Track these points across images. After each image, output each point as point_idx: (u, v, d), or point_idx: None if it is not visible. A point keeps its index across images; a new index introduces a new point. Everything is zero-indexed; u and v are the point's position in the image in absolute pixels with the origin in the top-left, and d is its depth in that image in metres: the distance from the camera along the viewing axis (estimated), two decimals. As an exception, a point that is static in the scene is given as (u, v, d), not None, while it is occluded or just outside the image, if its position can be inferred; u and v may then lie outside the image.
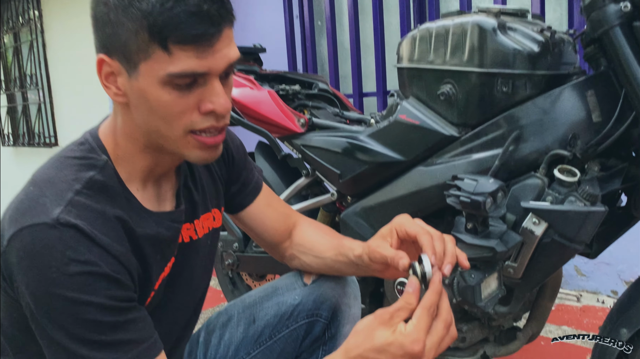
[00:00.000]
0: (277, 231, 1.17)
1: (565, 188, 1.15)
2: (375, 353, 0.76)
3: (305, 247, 1.16)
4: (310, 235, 1.17)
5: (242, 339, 1.14)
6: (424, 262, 0.83)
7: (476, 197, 1.09)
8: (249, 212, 1.14)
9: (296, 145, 1.72)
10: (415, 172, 1.42)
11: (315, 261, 1.14)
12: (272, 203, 1.17)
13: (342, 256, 1.08)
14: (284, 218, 1.18)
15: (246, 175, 1.13)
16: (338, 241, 1.12)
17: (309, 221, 1.22)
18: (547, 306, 1.42)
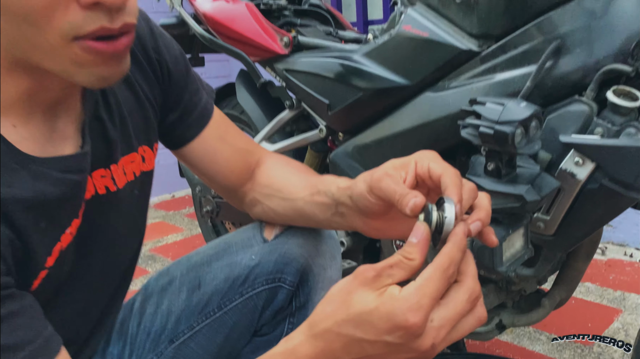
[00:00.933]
0: (234, 171, 0.89)
1: (621, 117, 0.86)
2: (350, 327, 0.52)
3: (271, 188, 0.88)
4: (278, 173, 0.89)
5: (184, 308, 0.88)
6: (445, 206, 0.56)
7: (502, 127, 0.80)
8: (195, 148, 0.86)
9: (278, 70, 1.42)
10: (422, 99, 1.13)
11: (283, 205, 0.87)
12: (226, 135, 0.89)
13: (320, 195, 0.80)
14: (243, 155, 0.90)
15: (189, 98, 0.84)
16: (316, 179, 0.84)
17: (278, 157, 0.94)
18: (581, 268, 1.15)
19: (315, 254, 0.92)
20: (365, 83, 1.20)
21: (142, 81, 0.77)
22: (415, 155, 0.67)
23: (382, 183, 0.64)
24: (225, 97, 1.82)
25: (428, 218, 0.56)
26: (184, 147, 0.86)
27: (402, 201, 0.59)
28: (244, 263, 0.89)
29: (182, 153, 0.87)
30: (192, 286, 0.90)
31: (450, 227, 0.55)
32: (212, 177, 0.89)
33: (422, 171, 0.65)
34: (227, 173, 0.89)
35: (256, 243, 0.91)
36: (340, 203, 0.76)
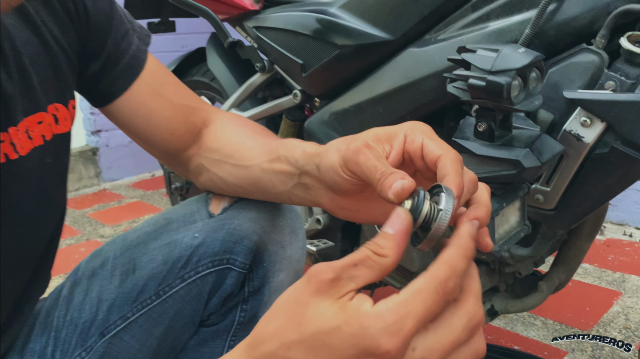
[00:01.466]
0: (174, 133, 0.75)
1: (637, 68, 0.72)
2: (301, 351, 0.38)
3: (220, 153, 0.74)
4: (229, 135, 0.75)
5: (117, 296, 0.75)
6: (442, 197, 0.43)
7: (496, 78, 0.66)
8: (124, 105, 0.72)
9: (248, 29, 1.28)
10: (405, 56, 0.99)
11: (234, 173, 0.73)
12: (163, 89, 0.74)
13: (281, 161, 0.66)
14: (185, 113, 0.76)
15: (114, 44, 0.70)
16: (277, 142, 0.70)
17: (231, 116, 0.80)
18: (583, 246, 1.03)
19: (271, 229, 0.78)
20: (342, 39, 1.06)
21: (51, 22, 0.63)
22: (405, 126, 0.53)
23: (360, 156, 0.50)
24: (195, 63, 1.67)
25: (415, 208, 0.43)
26: (110, 104, 0.72)
27: (384, 182, 0.46)
28: (185, 242, 0.76)
29: (110, 111, 0.73)
30: (125, 269, 0.76)
31: (443, 225, 0.42)
32: (148, 139, 0.75)
33: (414, 147, 0.51)
34: (165, 135, 0.75)
35: (200, 218, 0.77)
36: (305, 172, 0.61)
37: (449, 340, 0.37)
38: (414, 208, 0.43)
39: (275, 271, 0.80)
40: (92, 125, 3.06)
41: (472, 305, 0.39)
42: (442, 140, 0.51)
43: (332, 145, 0.56)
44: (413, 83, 0.96)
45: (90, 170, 3.09)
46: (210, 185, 0.77)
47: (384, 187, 0.46)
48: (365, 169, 0.49)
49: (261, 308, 0.81)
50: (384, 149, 0.52)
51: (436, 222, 0.42)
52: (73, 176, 3.01)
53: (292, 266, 0.82)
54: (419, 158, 0.51)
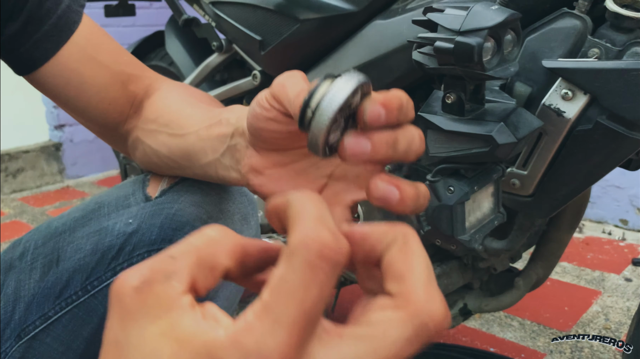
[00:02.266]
0: (112, 103, 0.65)
1: (624, 34, 0.64)
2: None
3: (157, 122, 0.64)
4: (170, 103, 0.65)
5: (37, 292, 0.64)
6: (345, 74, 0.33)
7: (465, 38, 0.57)
8: (52, 72, 0.62)
9: (205, 5, 1.18)
10: (370, 29, 0.90)
11: (169, 143, 0.62)
12: (98, 54, 0.64)
13: (221, 125, 0.55)
14: (125, 81, 0.66)
15: (37, 2, 0.60)
16: (223, 109, 0.59)
17: (177, 84, 0.70)
18: (564, 239, 0.94)
19: (218, 216, 0.67)
20: (302, 11, 0.96)
21: None
22: None
23: (290, 80, 0.42)
24: (154, 47, 1.57)
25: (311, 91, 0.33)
26: (36, 72, 0.62)
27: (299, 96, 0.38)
28: (117, 229, 0.65)
29: (36, 79, 0.63)
30: (48, 261, 0.66)
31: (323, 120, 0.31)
32: (83, 111, 0.65)
33: None
34: (102, 106, 0.65)
35: (135, 202, 0.67)
36: (237, 129, 0.52)
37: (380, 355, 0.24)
38: (310, 92, 0.33)
39: None
40: (55, 119, 2.92)
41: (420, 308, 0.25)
42: None
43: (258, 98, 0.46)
44: (379, 58, 0.87)
45: (53, 167, 2.95)
46: (144, 160, 0.67)
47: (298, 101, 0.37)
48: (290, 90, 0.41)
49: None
50: None
51: (320, 102, 0.32)
52: (34, 172, 2.88)
53: None
54: None
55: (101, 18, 1.77)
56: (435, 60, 0.62)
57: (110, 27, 2.79)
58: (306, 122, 0.33)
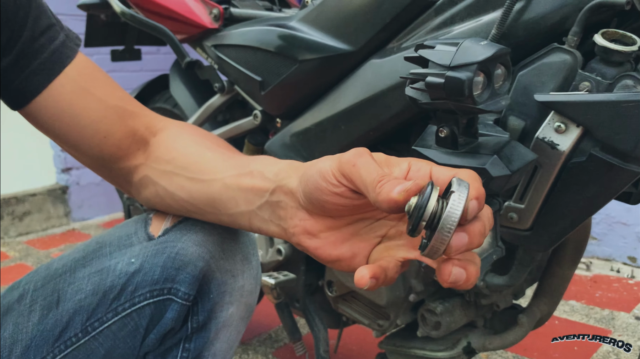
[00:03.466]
0: (108, 137, 0.66)
1: (614, 67, 0.65)
2: None
3: (173, 164, 0.65)
4: (186, 144, 0.66)
5: (36, 334, 0.64)
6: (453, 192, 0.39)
7: (454, 73, 0.58)
8: (45, 105, 0.63)
9: (207, 48, 1.21)
10: (367, 67, 0.92)
11: (188, 188, 0.63)
12: (92, 87, 0.65)
13: (253, 176, 0.57)
14: (122, 116, 0.67)
15: (31, 37, 0.62)
16: (247, 158, 0.62)
17: (188, 126, 0.71)
18: (566, 275, 0.93)
19: (220, 255, 0.67)
20: (301, 52, 0.99)
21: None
22: (408, 158, 0.49)
23: (361, 158, 0.45)
24: (158, 90, 1.60)
25: (420, 204, 0.38)
26: (29, 105, 0.63)
27: (384, 184, 0.41)
28: (119, 269, 0.65)
29: (30, 113, 0.64)
30: (48, 303, 0.65)
31: (450, 223, 0.37)
32: (77, 144, 0.66)
33: (418, 175, 0.46)
34: (96, 139, 0.65)
35: (138, 241, 0.67)
36: (280, 187, 0.53)
37: None
38: (419, 205, 0.38)
39: (224, 304, 0.69)
40: (62, 162, 2.96)
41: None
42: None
43: (325, 157, 0.50)
44: (375, 96, 0.89)
45: (59, 210, 2.97)
46: (156, 201, 0.67)
47: (384, 190, 0.41)
48: (364, 171, 0.44)
49: (207, 347, 0.70)
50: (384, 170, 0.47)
51: (442, 218, 0.37)
52: (40, 216, 2.89)
53: (244, 299, 0.71)
54: None
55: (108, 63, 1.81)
56: (427, 95, 0.62)
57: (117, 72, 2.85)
58: (419, 230, 0.39)
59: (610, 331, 1.63)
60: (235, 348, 0.76)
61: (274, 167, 0.56)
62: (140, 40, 1.71)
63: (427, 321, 0.95)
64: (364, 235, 0.51)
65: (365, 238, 0.51)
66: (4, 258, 2.51)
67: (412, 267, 0.92)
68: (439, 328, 0.94)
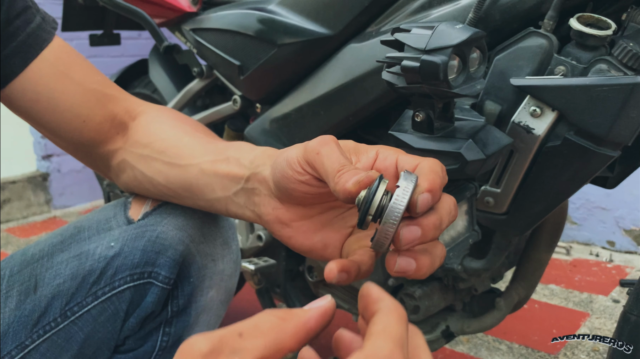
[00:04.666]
0: (87, 121, 0.65)
1: (589, 52, 0.65)
2: None
3: (151, 148, 0.64)
4: (164, 129, 0.66)
5: (13, 320, 0.63)
6: (401, 183, 0.38)
7: (430, 57, 0.58)
8: (21, 88, 0.62)
9: (186, 32, 1.19)
10: (345, 52, 0.91)
11: (166, 172, 0.63)
12: (70, 71, 0.64)
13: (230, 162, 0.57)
14: (100, 99, 0.66)
15: (5, 21, 0.60)
16: (224, 144, 0.61)
17: (167, 110, 0.71)
18: (543, 259, 0.94)
19: (200, 239, 0.68)
20: (279, 36, 0.98)
21: None
22: (377, 146, 0.48)
23: (325, 147, 0.44)
24: (138, 75, 1.58)
25: (367, 197, 0.38)
26: (6, 88, 0.62)
27: (343, 175, 0.41)
28: (98, 253, 0.65)
29: (6, 97, 0.63)
30: (25, 288, 0.65)
31: (393, 219, 0.37)
32: (55, 128, 0.65)
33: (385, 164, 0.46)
34: (75, 124, 0.65)
35: (117, 225, 0.67)
36: (255, 174, 0.53)
37: None
38: (365, 198, 0.38)
39: (204, 287, 0.69)
40: (42, 149, 2.92)
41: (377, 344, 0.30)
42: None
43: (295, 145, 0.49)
44: (354, 80, 0.88)
45: (40, 197, 2.93)
46: (134, 185, 0.67)
47: (341, 180, 0.40)
48: (327, 160, 0.43)
49: (186, 331, 0.70)
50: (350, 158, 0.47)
51: (385, 212, 0.37)
52: (21, 203, 2.85)
53: (224, 283, 0.72)
54: (392, 176, 0.45)
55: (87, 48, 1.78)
56: (403, 79, 0.62)
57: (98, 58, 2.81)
58: (366, 224, 0.39)
59: (589, 314, 1.66)
60: None
61: (249, 154, 0.56)
62: (120, 25, 1.68)
63: (406, 305, 0.95)
64: (335, 225, 0.51)
65: (336, 228, 0.51)
66: (-16, 246, 2.48)
67: (391, 252, 0.92)
68: (417, 312, 0.94)
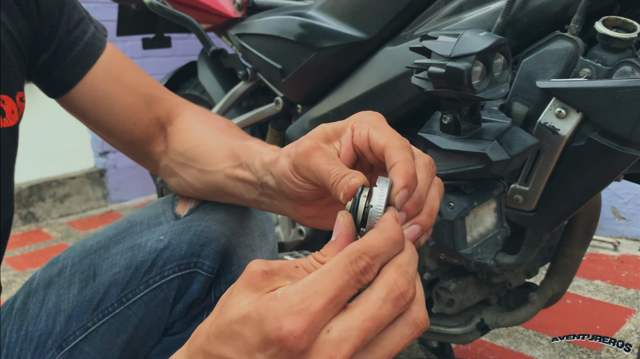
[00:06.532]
0: (137, 123, 0.72)
1: (614, 54, 0.67)
2: (219, 343, 0.37)
3: (186, 156, 0.71)
4: (194, 136, 0.72)
5: (76, 305, 0.71)
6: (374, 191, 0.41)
7: (454, 63, 0.61)
8: (81, 94, 0.69)
9: (232, 37, 1.25)
10: (381, 55, 0.95)
11: (200, 178, 0.69)
12: (123, 76, 0.71)
13: (244, 169, 0.62)
14: (149, 102, 0.73)
15: (66, 31, 0.67)
16: (239, 145, 0.65)
17: (196, 111, 0.77)
18: (577, 254, 0.96)
19: (240, 232, 0.74)
20: (318, 40, 1.02)
21: (2, 11, 0.60)
22: (352, 119, 0.49)
23: (311, 160, 0.46)
24: (187, 77, 1.66)
25: (353, 207, 0.41)
26: (67, 94, 0.69)
27: (337, 185, 0.43)
28: (149, 246, 0.72)
29: (68, 102, 0.70)
30: (85, 276, 0.73)
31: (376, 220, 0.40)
32: (110, 130, 0.72)
33: (361, 140, 0.47)
34: (128, 125, 0.72)
35: (166, 220, 0.74)
36: (264, 183, 0.57)
37: (369, 315, 0.35)
38: (353, 208, 0.41)
39: None
40: (100, 146, 3.07)
41: (392, 275, 0.36)
42: (389, 128, 0.47)
43: (283, 151, 0.52)
44: (388, 83, 0.92)
45: (97, 192, 3.09)
46: (180, 189, 0.74)
47: (337, 191, 0.43)
48: (318, 174, 0.45)
49: None
50: (334, 148, 0.49)
51: (368, 218, 0.40)
52: (80, 198, 3.02)
53: None
54: (368, 151, 0.47)
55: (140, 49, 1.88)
56: (431, 84, 0.66)
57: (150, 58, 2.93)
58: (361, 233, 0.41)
59: (635, 311, 1.64)
60: None
61: (254, 161, 0.59)
62: (170, 28, 1.77)
63: (441, 299, 0.99)
64: None
65: None
66: (47, 239, 2.64)
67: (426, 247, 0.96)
68: (452, 305, 0.97)
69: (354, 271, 0.35)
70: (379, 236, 0.37)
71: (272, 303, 0.34)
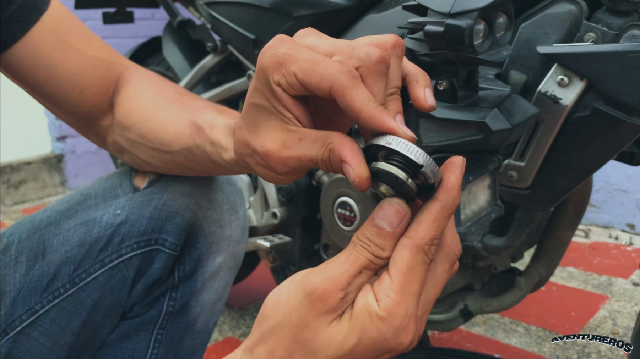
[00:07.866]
0: (83, 91, 0.64)
1: (620, 17, 0.62)
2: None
3: (134, 132, 0.62)
4: (141, 106, 0.63)
5: (23, 286, 0.63)
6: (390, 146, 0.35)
7: (454, 21, 0.55)
8: (21, 54, 0.61)
9: (200, 7, 1.17)
10: (364, 22, 0.88)
11: (156, 156, 0.62)
12: (69, 38, 0.63)
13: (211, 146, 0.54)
14: (98, 67, 0.64)
15: None
16: (191, 116, 0.57)
17: (144, 77, 0.68)
18: (565, 237, 0.92)
19: (207, 205, 0.67)
20: (295, 8, 0.95)
21: None
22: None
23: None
24: (151, 53, 1.56)
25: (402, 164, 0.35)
26: (5, 53, 0.60)
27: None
28: (105, 221, 0.65)
29: (4, 63, 0.61)
30: (33, 254, 0.65)
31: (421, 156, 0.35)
32: (52, 97, 0.64)
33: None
34: (73, 93, 0.63)
35: (123, 193, 0.66)
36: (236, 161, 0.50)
37: (439, 287, 0.38)
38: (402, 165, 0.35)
39: (212, 253, 0.69)
40: (57, 130, 2.92)
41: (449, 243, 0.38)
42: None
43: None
44: (372, 53, 0.86)
45: (55, 178, 2.94)
46: (138, 165, 0.66)
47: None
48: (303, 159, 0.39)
49: (193, 296, 0.70)
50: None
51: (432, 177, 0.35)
52: (36, 184, 2.87)
53: (231, 248, 0.71)
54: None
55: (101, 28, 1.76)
56: (426, 46, 0.60)
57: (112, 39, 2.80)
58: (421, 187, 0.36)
59: (608, 297, 1.63)
60: (225, 300, 0.76)
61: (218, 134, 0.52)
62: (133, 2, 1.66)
63: (423, 284, 0.94)
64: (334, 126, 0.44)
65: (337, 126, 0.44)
66: (1, 227, 2.50)
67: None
68: (435, 291, 0.92)
69: (429, 259, 0.36)
70: (445, 215, 0.36)
71: (383, 325, 0.35)
